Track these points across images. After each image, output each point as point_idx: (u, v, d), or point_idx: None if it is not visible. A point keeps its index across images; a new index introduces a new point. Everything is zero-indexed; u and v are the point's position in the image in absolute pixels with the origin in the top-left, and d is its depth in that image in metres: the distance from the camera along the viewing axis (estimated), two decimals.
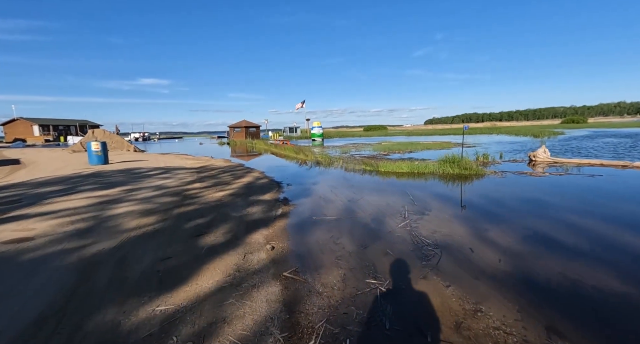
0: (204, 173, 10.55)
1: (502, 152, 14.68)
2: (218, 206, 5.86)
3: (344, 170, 11.05)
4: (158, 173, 10.49)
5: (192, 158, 17.52)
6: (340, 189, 7.36)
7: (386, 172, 9.88)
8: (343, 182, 8.35)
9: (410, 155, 15.46)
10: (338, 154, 16.99)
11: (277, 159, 16.61)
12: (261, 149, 25.05)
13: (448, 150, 17.88)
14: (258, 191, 7.38)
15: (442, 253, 3.43)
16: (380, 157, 15.16)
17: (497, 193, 6.36)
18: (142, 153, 22.87)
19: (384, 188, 7.28)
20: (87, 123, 68.10)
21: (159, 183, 8.39)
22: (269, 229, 4.49)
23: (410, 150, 18.06)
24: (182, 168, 12.01)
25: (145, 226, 4.56)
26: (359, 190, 7.20)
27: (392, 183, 7.97)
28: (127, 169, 11.54)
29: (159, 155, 20.07)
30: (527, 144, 19.46)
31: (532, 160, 10.69)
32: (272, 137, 50.35)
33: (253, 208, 5.68)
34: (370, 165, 10.98)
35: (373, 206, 5.59)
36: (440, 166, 9.49)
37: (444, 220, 4.62)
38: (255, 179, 9.24)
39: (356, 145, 24.28)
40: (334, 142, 33.46)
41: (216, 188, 7.76)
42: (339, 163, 12.61)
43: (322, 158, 14.61)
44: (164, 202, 6.13)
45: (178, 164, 13.74)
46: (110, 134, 25.91)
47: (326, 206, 5.74)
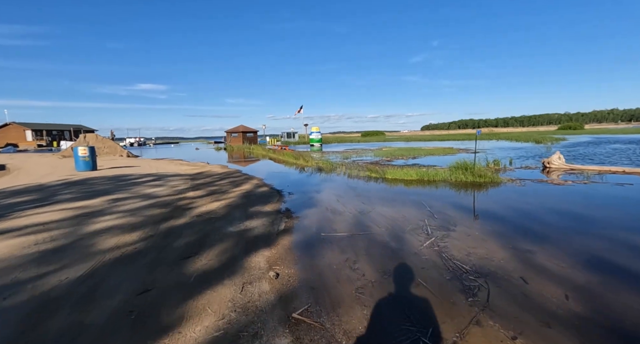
0: (198, 181, 9.85)
1: (509, 158, 14.17)
2: (213, 219, 5.18)
3: (348, 177, 10.42)
4: (149, 181, 9.78)
5: (187, 164, 16.81)
6: (347, 199, 6.72)
7: (393, 180, 9.26)
8: (349, 191, 7.71)
9: (415, 161, 14.90)
10: (339, 160, 16.39)
11: (276, 165, 15.96)
12: (259, 154, 24.41)
13: (452, 155, 17.36)
14: (257, 201, 6.71)
15: (488, 284, 2.78)
16: (383, 162, 14.57)
17: (525, 204, 5.74)
18: (136, 158, 22.10)
19: (396, 198, 6.64)
20: (82, 128, 67.13)
21: (148, 192, 7.69)
22: (271, 249, 3.82)
23: (413, 155, 17.52)
24: (175, 175, 11.30)
25: (126, 246, 3.86)
26: (368, 199, 6.56)
27: (403, 192, 7.34)
28: (115, 176, 10.81)
29: (153, 161, 19.32)
30: (532, 150, 19.02)
31: (546, 166, 10.15)
32: (270, 142, 49.70)
33: (252, 222, 5.01)
34: (376, 171, 10.36)
35: (388, 220, 4.95)
36: (452, 173, 8.90)
37: (475, 238, 3.98)
38: (253, 187, 8.57)
39: (356, 151, 23.73)
40: (333, 147, 32.93)
41: (211, 197, 7.08)
42: (342, 170, 11.99)
43: (323, 164, 13.99)
44: (152, 215, 5.44)
45: (172, 170, 13.03)
46: (103, 139, 25.13)
47: (334, 220, 5.09)
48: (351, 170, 11.60)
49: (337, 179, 9.90)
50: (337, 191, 7.72)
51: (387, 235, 4.22)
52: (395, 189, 7.83)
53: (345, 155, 19.31)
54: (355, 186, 8.41)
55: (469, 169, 8.79)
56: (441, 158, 15.71)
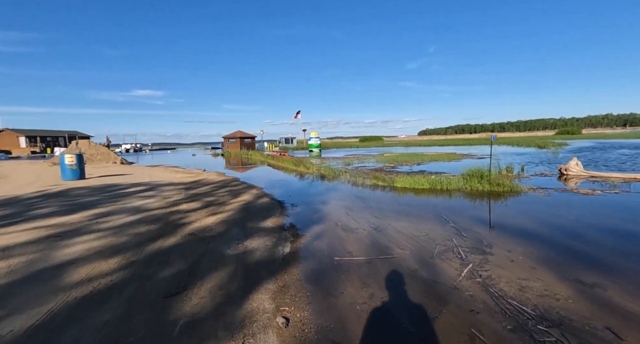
0: (194, 190, 9.16)
1: (517, 164, 13.63)
2: (207, 238, 4.50)
3: (353, 185, 9.78)
4: (140, 191, 9.07)
5: (182, 171, 16.10)
6: (357, 211, 6.06)
7: (403, 189, 8.63)
8: (357, 202, 7.06)
9: (420, 167, 14.31)
10: (341, 166, 15.76)
11: (275, 172, 15.29)
12: (257, 161, 23.75)
13: (457, 162, 16.81)
14: (258, 214, 6.04)
15: (566, 338, 2.12)
16: (388, 169, 13.96)
17: (560, 219, 5.11)
18: (129, 165, 21.33)
19: (411, 211, 6.00)
20: (77, 134, 66.23)
21: (138, 204, 7.00)
22: (276, 280, 3.15)
23: (417, 162, 16.94)
24: (169, 184, 10.60)
25: (99, 278, 3.17)
26: (381, 212, 5.91)
27: (418, 204, 6.70)
28: (104, 185, 10.08)
29: (147, 168, 18.58)
30: (537, 155, 18.53)
31: (563, 173, 9.58)
32: (268, 147, 49.17)
33: (253, 242, 4.33)
34: (383, 179, 9.74)
35: (410, 239, 4.29)
36: (467, 181, 8.29)
37: (521, 266, 3.33)
38: (253, 197, 7.90)
39: (357, 157, 23.14)
40: (332, 153, 32.36)
41: (207, 210, 6.40)
42: (346, 177, 11.35)
43: (325, 171, 13.35)
44: (138, 233, 4.74)
45: (166, 179, 12.32)
46: (96, 145, 24.37)
47: (347, 239, 4.43)
48: (356, 177, 10.97)
49: (342, 188, 9.26)
50: (344, 202, 7.07)
51: (414, 260, 3.56)
52: (408, 199, 7.19)
53: (346, 161, 18.70)
54: (363, 196, 7.77)
55: (484, 177, 8.19)
56: (447, 165, 15.15)
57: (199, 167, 19.33)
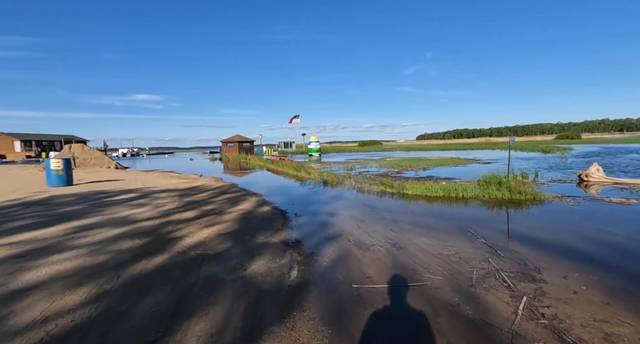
0: (189, 198, 8.49)
1: (526, 169, 13.05)
2: (200, 258, 3.84)
3: (359, 191, 9.15)
4: (130, 199, 8.39)
5: (178, 176, 15.41)
6: (370, 223, 5.42)
7: (415, 196, 8.00)
8: (368, 211, 6.42)
9: (427, 172, 13.71)
10: (343, 171, 15.14)
11: (275, 177, 14.64)
12: (256, 165, 23.10)
13: (464, 166, 16.24)
14: (258, 227, 5.38)
15: None
16: (393, 175, 13.35)
17: (610, 235, 4.46)
18: (124, 170, 20.62)
19: (431, 223, 5.36)
20: (74, 138, 65.47)
21: (125, 215, 6.32)
22: (284, 321, 2.49)
23: (422, 166, 16.35)
24: (163, 191, 9.93)
25: (56, 319, 2.49)
26: (397, 224, 5.27)
27: (435, 213, 6.07)
28: (92, 193, 9.39)
29: (142, 173, 17.88)
30: (545, 160, 17.99)
31: (583, 180, 9.00)
32: (267, 152, 48.58)
33: (253, 264, 3.67)
34: (391, 185, 9.11)
35: (437, 259, 3.65)
36: (484, 188, 7.67)
37: (590, 299, 2.68)
38: (253, 206, 7.24)
39: (359, 161, 22.54)
40: (332, 157, 31.78)
41: (202, 222, 5.73)
42: (350, 183, 10.72)
43: (328, 176, 12.72)
44: (119, 251, 4.07)
45: (160, 185, 11.64)
46: (90, 150, 23.65)
47: (364, 259, 3.78)
48: (361, 183, 10.34)
49: (348, 195, 8.62)
50: (353, 211, 6.43)
51: (451, 289, 2.91)
52: (423, 209, 6.56)
53: (348, 166, 18.09)
54: (373, 204, 7.12)
55: (503, 183, 7.58)
56: (455, 170, 14.56)
57: (196, 172, 18.65)
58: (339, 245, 4.33)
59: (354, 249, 4.15)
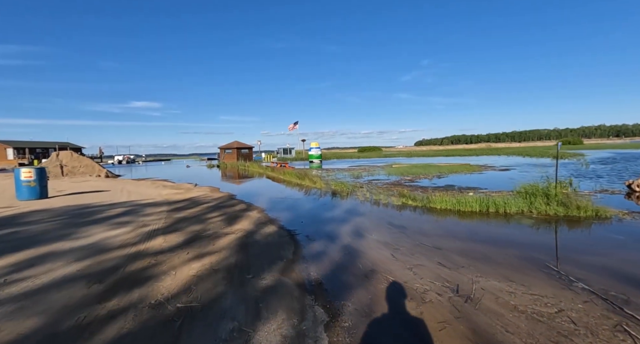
0: (179, 213, 7.24)
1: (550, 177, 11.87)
2: (180, 319, 2.58)
3: (375, 204, 7.93)
4: (110, 216, 7.12)
5: (171, 186, 14.13)
6: (407, 252, 4.19)
7: (445, 211, 6.80)
8: (397, 233, 5.20)
9: (443, 181, 12.55)
10: (350, 179, 13.95)
11: (276, 186, 13.40)
12: (255, 173, 21.84)
13: (480, 174, 15.08)
14: (262, 258, 4.14)
15: None
16: (406, 183, 12.17)
17: None
18: (114, 179, 19.29)
19: (487, 252, 4.13)
20: (68, 145, 64.03)
21: (97, 239, 5.06)
22: None
23: (435, 174, 15.19)
24: (151, 204, 8.66)
25: None
26: (443, 254, 4.05)
27: (483, 236, 4.85)
28: (67, 208, 8.11)
29: (133, 182, 16.59)
30: (563, 167, 16.90)
31: (634, 190, 7.85)
32: (266, 158, 47.43)
33: (260, 331, 2.42)
34: (413, 198, 7.90)
35: (539, 326, 2.42)
36: (530, 203, 6.47)
37: None
38: (254, 225, 5.99)
39: (364, 168, 21.38)
40: (334, 164, 30.66)
41: (190, 250, 4.48)
42: (363, 193, 9.51)
43: (336, 185, 11.50)
44: (58, 310, 2.81)
45: (149, 197, 10.38)
46: (79, 157, 22.34)
47: (421, 317, 2.54)
48: (377, 194, 9.13)
49: (364, 209, 7.40)
50: (379, 233, 5.20)
51: None
52: (464, 229, 5.34)
53: (354, 174, 16.89)
54: (400, 222, 5.90)
55: (551, 196, 6.39)
56: (471, 178, 13.40)
57: (192, 180, 17.37)
58: (376, 291, 3.09)
59: (401, 299, 2.91)
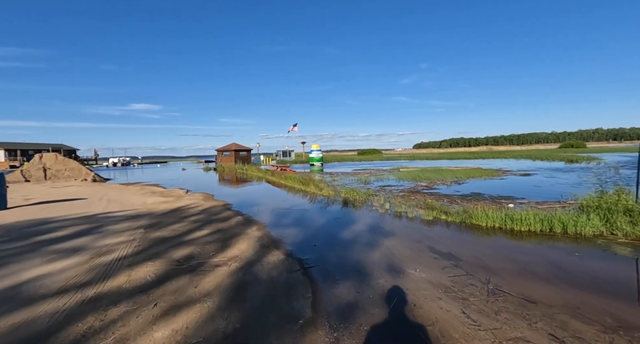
0: (159, 231, 5.80)
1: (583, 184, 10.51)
2: None
3: (396, 216, 6.52)
4: (70, 235, 5.67)
5: (160, 193, 12.65)
6: (485, 307, 2.78)
7: (491, 229, 5.40)
8: (449, 266, 3.79)
9: (464, 187, 11.18)
10: (358, 185, 12.55)
11: (277, 192, 11.96)
12: (254, 177, 20.35)
13: (500, 179, 13.70)
14: (266, 315, 2.71)
15: None
16: (424, 190, 10.78)
17: None
18: (100, 184, 17.77)
19: (611, 309, 2.72)
20: (63, 147, 62.29)
21: (32, 276, 3.63)
22: None
23: (451, 179, 13.81)
24: (128, 218, 7.21)
25: None
26: (548, 314, 2.64)
27: (580, 274, 3.44)
28: (19, 224, 6.64)
29: (119, 188, 15.09)
30: (589, 172, 15.60)
31: None
32: (264, 161, 45.98)
33: None
34: (445, 211, 6.50)
35: None
36: (599, 219, 5.07)
37: None
38: (254, 250, 4.56)
39: (370, 172, 19.97)
40: (334, 167, 29.26)
41: (161, 298, 3.04)
42: (380, 203, 8.10)
43: (347, 193, 10.08)
44: None
45: (130, 206, 8.92)
46: (65, 159, 20.81)
47: None
48: (397, 205, 7.71)
49: (388, 224, 5.98)
50: (426, 268, 3.77)
51: None
52: (543, 262, 3.92)
53: (361, 178, 15.48)
54: (446, 248, 4.48)
55: (635, 213, 5.00)
56: (495, 184, 12.03)
57: (185, 185, 15.89)
58: None
59: None
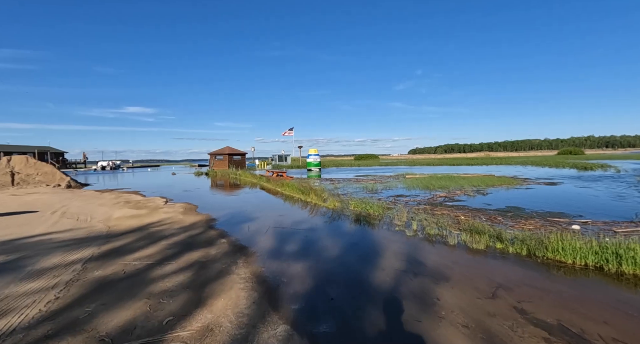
0: (104, 267, 4.02)
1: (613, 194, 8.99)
2: None
3: (429, 241, 4.83)
4: None
5: (135, 202, 10.79)
6: None
7: (582, 269, 3.76)
8: None
9: (489, 198, 9.60)
10: (364, 194, 10.88)
11: (274, 203, 10.21)
12: (248, 183, 18.53)
13: (526, 189, 12.08)
14: None
15: None
16: (446, 201, 9.14)
17: None
18: (72, 190, 15.79)
19: None
20: (50, 150, 59.59)
21: None
22: None
23: (470, 188, 12.22)
24: (74, 242, 5.41)
25: None
26: None
27: None
28: None
29: (91, 195, 13.17)
30: (613, 181, 14.20)
31: None
32: (260, 165, 44.15)
33: None
34: (499, 237, 4.84)
35: None
36: None
37: None
38: (236, 313, 2.81)
39: (374, 179, 18.33)
40: (333, 173, 27.62)
41: None
42: (403, 220, 6.42)
43: (358, 205, 8.37)
44: None
45: (87, 223, 7.10)
46: (37, 163, 18.77)
47: None
48: (427, 224, 6.01)
49: (428, 257, 4.28)
50: None
51: None
52: None
53: (367, 186, 13.79)
54: (549, 312, 2.80)
55: None
56: (525, 195, 10.45)
57: (170, 192, 14.01)
58: None
59: None
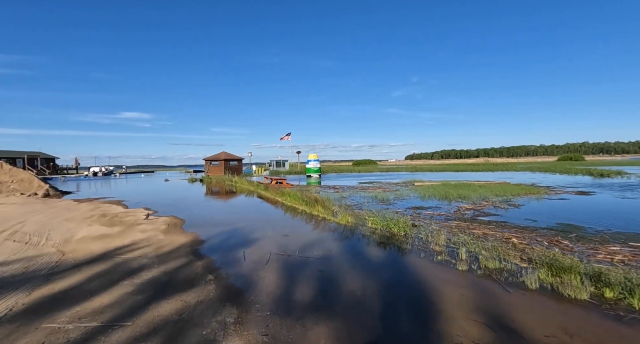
0: (8, 342, 2.50)
1: None
2: None
3: (490, 278, 3.37)
4: None
5: (112, 215, 9.22)
6: None
7: None
8: None
9: (526, 212, 8.23)
10: (376, 205, 9.46)
11: (275, 217, 8.71)
12: (245, 191, 16.97)
13: (561, 200, 10.69)
14: None
15: None
16: (478, 216, 7.71)
17: None
18: (49, 200, 14.14)
19: None
20: (40, 155, 57.41)
21: None
22: None
23: (499, 198, 10.84)
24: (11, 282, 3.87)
25: None
26: None
27: None
28: None
29: (65, 206, 11.56)
30: (630, 188, 12.94)
31: None
32: (257, 171, 42.60)
33: None
34: (596, 277, 3.43)
35: None
36: None
37: None
38: None
39: (381, 187, 16.89)
40: (333, 179, 26.19)
41: None
42: (441, 243, 4.97)
43: (376, 221, 6.91)
44: None
45: (35, 249, 5.56)
46: (12, 169, 17.10)
47: None
48: (481, 255, 4.57)
49: (518, 314, 2.78)
50: None
51: None
52: None
53: (376, 195, 12.34)
54: None
55: None
56: (561, 207, 9.09)
57: (157, 201, 12.42)
58: None
59: None
